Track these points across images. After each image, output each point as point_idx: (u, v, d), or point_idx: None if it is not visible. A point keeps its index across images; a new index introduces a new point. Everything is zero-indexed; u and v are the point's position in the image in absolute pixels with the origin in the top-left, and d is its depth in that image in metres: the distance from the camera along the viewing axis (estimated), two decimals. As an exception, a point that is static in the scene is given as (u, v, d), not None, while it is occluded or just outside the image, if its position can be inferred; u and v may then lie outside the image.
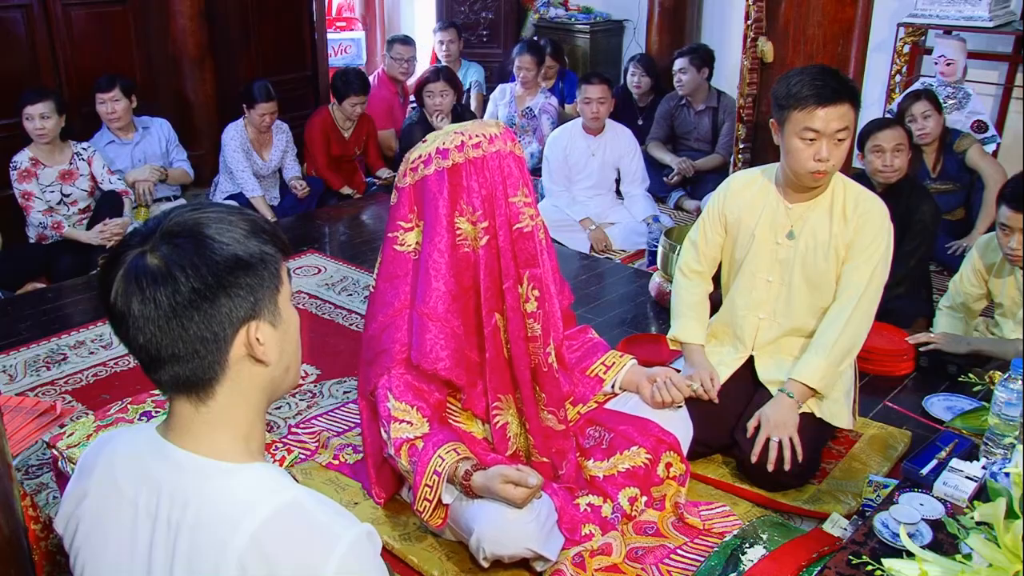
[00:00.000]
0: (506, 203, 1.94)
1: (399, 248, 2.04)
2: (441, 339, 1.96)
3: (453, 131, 1.96)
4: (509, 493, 1.80)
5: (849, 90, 2.17)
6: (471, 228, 1.95)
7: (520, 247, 1.96)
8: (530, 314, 1.97)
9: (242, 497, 1.00)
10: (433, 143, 1.96)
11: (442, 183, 1.93)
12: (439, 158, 1.94)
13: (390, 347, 2.03)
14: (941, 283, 3.50)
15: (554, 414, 2.05)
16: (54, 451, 2.05)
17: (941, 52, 4.41)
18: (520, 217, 1.95)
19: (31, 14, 4.18)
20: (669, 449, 2.15)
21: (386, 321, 2.05)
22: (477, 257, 1.96)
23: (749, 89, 3.24)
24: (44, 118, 3.69)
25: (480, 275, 1.97)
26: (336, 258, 3.91)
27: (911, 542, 1.21)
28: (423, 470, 1.89)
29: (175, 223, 1.01)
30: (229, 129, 4.45)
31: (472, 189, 1.93)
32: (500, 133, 1.96)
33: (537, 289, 1.97)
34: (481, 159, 1.93)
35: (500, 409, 2.06)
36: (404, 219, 2.03)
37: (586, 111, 4.21)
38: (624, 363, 2.30)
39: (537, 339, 1.99)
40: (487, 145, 1.93)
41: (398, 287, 2.04)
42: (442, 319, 1.96)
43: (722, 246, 2.49)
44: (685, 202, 4.84)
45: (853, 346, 2.30)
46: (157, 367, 1.01)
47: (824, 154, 2.16)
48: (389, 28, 6.91)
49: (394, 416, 1.97)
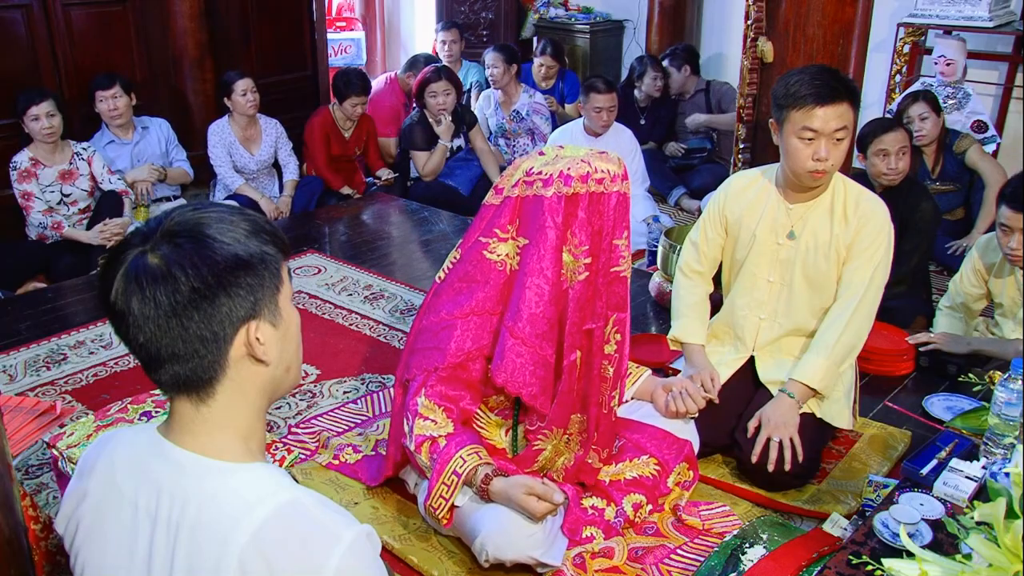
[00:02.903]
0: (610, 244, 1.92)
1: (488, 255, 1.97)
2: (531, 365, 1.92)
3: (580, 159, 1.90)
4: (531, 505, 1.80)
5: (848, 89, 2.17)
6: (572, 261, 1.91)
7: (613, 290, 1.95)
8: (608, 356, 1.97)
9: (242, 497, 1.00)
10: (556, 164, 1.90)
11: (559, 210, 1.87)
12: (561, 183, 1.88)
13: (445, 347, 1.98)
14: (941, 283, 3.50)
15: (598, 453, 2.05)
16: (54, 451, 2.04)
17: (941, 52, 4.41)
18: (620, 261, 1.94)
19: (31, 14, 4.18)
20: (684, 460, 2.15)
21: (449, 320, 1.99)
22: (571, 291, 1.92)
23: (749, 89, 3.24)
24: (51, 116, 3.71)
25: (569, 308, 1.92)
26: (336, 258, 3.91)
27: (911, 542, 1.21)
28: (442, 468, 1.88)
29: (176, 223, 1.01)
30: (212, 126, 4.50)
31: (584, 222, 1.89)
32: (621, 172, 1.92)
33: (620, 333, 1.98)
34: (600, 196, 1.89)
35: (546, 437, 2.03)
36: (502, 228, 1.95)
37: (596, 119, 4.23)
38: (640, 374, 2.31)
39: (607, 380, 1.99)
40: (609, 183, 1.89)
41: (474, 292, 1.98)
42: (535, 345, 1.91)
43: (723, 247, 2.49)
44: (684, 201, 4.86)
45: (854, 347, 2.29)
46: (157, 366, 1.01)
47: (823, 154, 2.16)
48: (389, 28, 6.91)
49: (420, 413, 1.95)
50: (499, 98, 5.23)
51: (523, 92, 5.22)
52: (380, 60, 6.86)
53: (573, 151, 1.96)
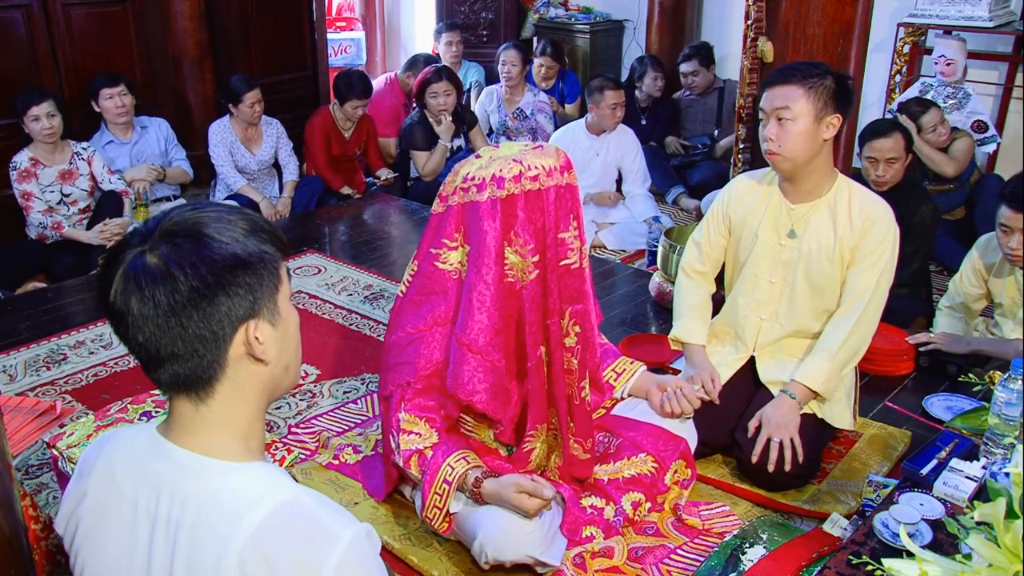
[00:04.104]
0: (556, 239, 1.90)
1: (440, 265, 1.97)
2: (480, 372, 1.92)
3: (512, 158, 1.87)
4: (522, 503, 1.80)
5: (800, 74, 2.17)
6: (520, 261, 1.89)
7: (565, 283, 1.93)
8: (569, 348, 1.96)
9: (242, 496, 1.00)
10: (489, 167, 1.87)
11: (495, 213, 1.86)
12: (494, 186, 1.86)
13: (415, 361, 1.98)
14: (941, 283, 3.50)
15: (580, 444, 2.04)
16: (54, 451, 2.04)
17: (941, 52, 4.41)
18: (568, 254, 1.91)
19: (31, 14, 4.18)
20: (680, 458, 2.15)
21: (415, 334, 2.00)
22: (524, 290, 1.91)
23: (749, 89, 3.24)
24: (51, 116, 3.72)
25: (525, 308, 1.92)
26: (336, 258, 3.91)
27: (911, 542, 1.20)
28: (432, 479, 1.89)
29: (174, 222, 1.01)
30: (213, 126, 4.50)
31: (525, 221, 1.87)
32: (559, 165, 1.90)
33: (578, 325, 1.95)
34: (537, 193, 1.86)
35: (533, 437, 2.04)
36: (450, 237, 1.95)
37: (610, 116, 4.25)
38: (634, 370, 2.30)
39: (573, 372, 1.98)
40: (545, 178, 1.87)
41: (434, 303, 1.99)
42: (482, 352, 1.91)
43: (725, 247, 2.49)
44: (683, 200, 4.86)
45: (858, 350, 2.29)
46: (156, 366, 1.01)
47: (766, 132, 2.20)
48: (389, 28, 6.91)
49: (403, 428, 1.97)
50: (503, 95, 5.23)
51: (528, 91, 5.23)
52: (380, 60, 6.86)
53: (507, 150, 1.93)
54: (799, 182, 2.29)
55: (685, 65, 5.15)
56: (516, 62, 5.10)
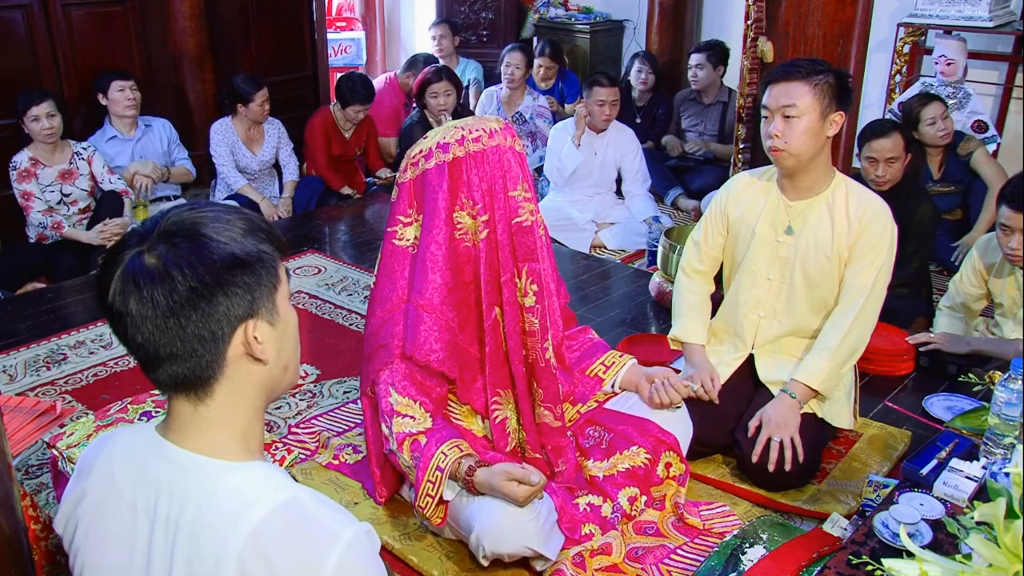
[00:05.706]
0: (505, 197, 1.95)
1: (398, 243, 2.05)
2: (435, 331, 1.97)
3: (453, 126, 1.97)
4: (512, 491, 1.80)
5: (804, 70, 2.17)
6: (471, 222, 1.96)
7: (519, 241, 1.96)
8: (528, 308, 1.97)
9: (241, 495, 1.00)
10: (433, 138, 1.98)
11: (442, 177, 1.95)
12: (439, 152, 1.95)
13: (388, 342, 2.02)
14: (941, 283, 3.50)
15: (550, 410, 2.04)
16: (54, 451, 2.04)
17: (941, 52, 4.41)
18: (520, 211, 1.96)
19: (31, 14, 4.18)
20: (668, 449, 2.15)
21: (384, 316, 2.05)
22: (477, 251, 1.97)
23: (749, 89, 3.24)
24: (51, 116, 3.72)
25: (480, 269, 1.97)
26: (336, 258, 3.91)
27: (911, 542, 1.20)
28: (426, 466, 1.89)
29: (172, 222, 1.01)
30: (215, 125, 4.51)
31: (472, 183, 1.94)
32: (500, 128, 1.98)
33: (536, 284, 1.97)
34: (481, 153, 1.94)
35: (499, 404, 2.06)
36: (403, 214, 2.04)
37: (598, 113, 4.22)
38: (624, 363, 2.30)
39: (535, 334, 1.98)
40: (487, 139, 1.95)
41: (396, 282, 2.05)
42: (437, 311, 1.97)
43: (724, 246, 2.49)
44: (681, 201, 4.85)
45: (857, 348, 2.29)
46: (155, 366, 1.01)
47: (772, 129, 2.20)
48: (389, 28, 6.91)
49: (397, 411, 1.97)
50: (503, 98, 5.23)
51: (527, 94, 5.23)
52: (380, 60, 6.86)
53: (449, 125, 2.01)
54: (799, 179, 2.29)
55: (694, 56, 5.11)
56: (520, 65, 5.10)
